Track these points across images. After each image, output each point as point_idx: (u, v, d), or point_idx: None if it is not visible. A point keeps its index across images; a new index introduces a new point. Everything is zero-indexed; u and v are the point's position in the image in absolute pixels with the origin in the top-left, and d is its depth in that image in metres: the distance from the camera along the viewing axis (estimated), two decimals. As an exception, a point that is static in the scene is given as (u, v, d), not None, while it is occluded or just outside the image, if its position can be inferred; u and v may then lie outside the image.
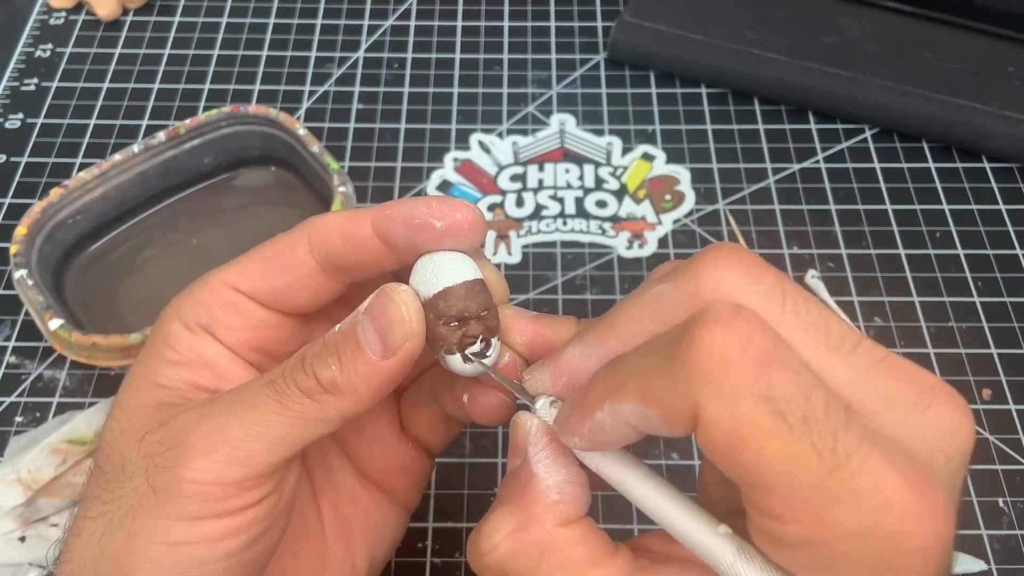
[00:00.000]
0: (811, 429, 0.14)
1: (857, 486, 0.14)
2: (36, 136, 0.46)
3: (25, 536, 0.32)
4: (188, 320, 0.21)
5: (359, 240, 0.21)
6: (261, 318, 0.22)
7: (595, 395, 0.17)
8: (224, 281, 0.22)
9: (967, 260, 0.41)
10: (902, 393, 0.16)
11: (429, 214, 0.20)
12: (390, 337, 0.19)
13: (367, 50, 0.51)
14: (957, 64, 0.46)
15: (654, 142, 0.46)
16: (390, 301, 0.20)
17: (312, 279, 0.21)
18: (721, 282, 0.17)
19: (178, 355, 0.21)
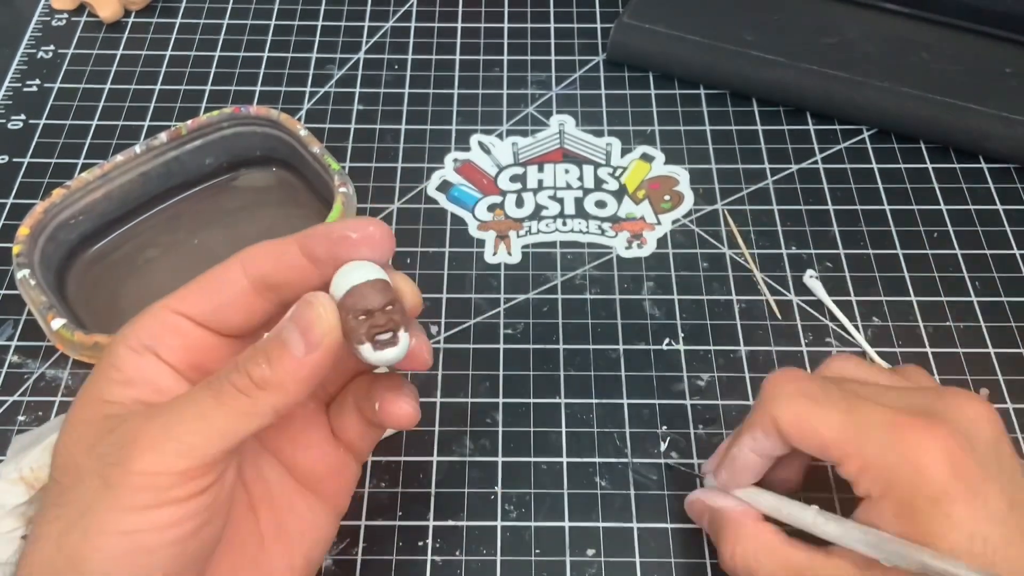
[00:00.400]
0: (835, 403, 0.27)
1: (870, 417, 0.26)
2: (38, 137, 0.46)
3: (27, 535, 0.33)
4: (133, 343, 0.23)
5: (287, 259, 0.24)
6: (200, 338, 0.24)
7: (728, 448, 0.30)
8: (165, 307, 0.24)
9: (965, 260, 0.41)
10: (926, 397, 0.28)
11: (345, 229, 0.23)
12: (310, 335, 0.22)
13: (368, 51, 0.51)
14: (954, 65, 0.46)
15: (653, 143, 0.46)
16: (309, 305, 0.22)
17: (245, 297, 0.24)
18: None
19: (123, 375, 0.23)
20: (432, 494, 0.34)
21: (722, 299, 0.40)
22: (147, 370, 0.23)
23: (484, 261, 0.42)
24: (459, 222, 0.43)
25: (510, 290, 0.40)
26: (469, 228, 0.43)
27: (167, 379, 0.24)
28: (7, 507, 0.33)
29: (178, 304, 0.24)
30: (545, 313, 0.40)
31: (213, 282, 0.24)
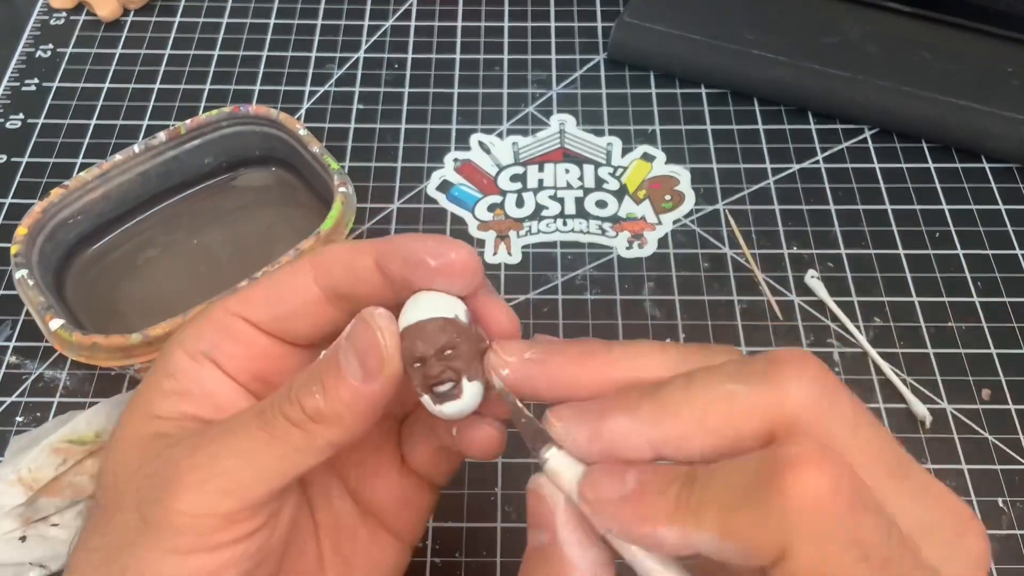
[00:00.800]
0: (890, 570, 0.15)
1: None
2: (37, 136, 0.46)
3: (26, 536, 0.32)
4: (191, 349, 0.21)
5: (360, 270, 0.21)
6: (264, 346, 0.22)
7: (663, 511, 0.17)
8: (227, 309, 0.22)
9: (966, 260, 0.41)
10: (945, 522, 0.17)
11: (425, 251, 0.20)
12: (369, 361, 0.19)
13: (367, 50, 0.51)
14: (956, 64, 0.46)
15: (654, 142, 0.46)
16: (366, 326, 0.20)
17: (314, 305, 0.22)
18: (801, 399, 0.17)
19: (178, 385, 0.21)
20: (432, 495, 0.34)
21: (723, 299, 0.40)
22: (206, 381, 0.21)
23: (484, 261, 0.41)
24: (459, 222, 0.43)
25: (510, 290, 0.40)
26: (469, 228, 0.43)
27: (226, 391, 0.21)
28: (5, 508, 0.33)
29: (241, 307, 0.22)
30: (545, 314, 0.40)
31: (281, 286, 0.22)
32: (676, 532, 0.16)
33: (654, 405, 0.18)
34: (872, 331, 0.39)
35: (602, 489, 0.18)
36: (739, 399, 0.17)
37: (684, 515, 0.16)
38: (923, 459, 0.35)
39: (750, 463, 0.16)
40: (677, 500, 0.17)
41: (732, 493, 0.16)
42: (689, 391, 0.18)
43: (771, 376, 0.17)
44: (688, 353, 0.19)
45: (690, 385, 0.18)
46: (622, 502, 0.17)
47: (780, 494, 0.15)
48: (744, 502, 0.16)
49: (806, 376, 0.17)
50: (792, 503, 0.15)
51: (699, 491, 0.16)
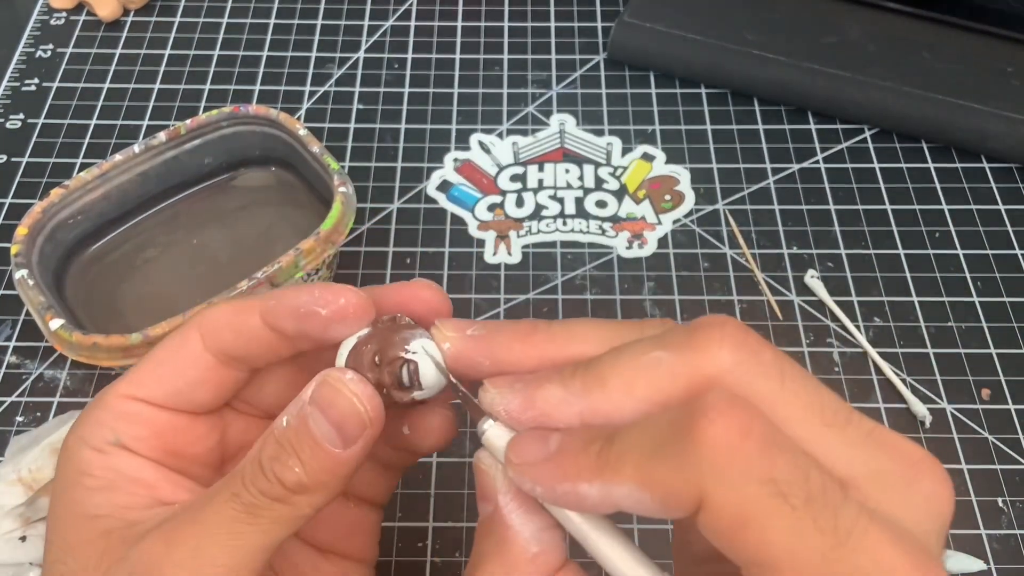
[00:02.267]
0: (812, 508, 0.15)
1: (860, 561, 0.15)
2: (37, 136, 0.46)
3: (26, 536, 0.32)
4: (95, 442, 0.21)
5: (249, 331, 0.21)
6: (168, 422, 0.21)
7: (584, 467, 0.17)
8: (119, 394, 0.21)
9: (966, 260, 0.41)
10: (892, 468, 0.17)
11: (313, 303, 0.20)
12: (347, 429, 0.19)
13: (367, 50, 0.51)
14: (956, 64, 0.46)
15: (654, 142, 0.46)
16: (338, 393, 0.19)
17: (212, 373, 0.21)
18: (723, 360, 0.17)
19: (98, 480, 0.20)
20: (432, 495, 0.34)
21: (723, 299, 0.40)
22: (124, 468, 0.21)
23: (484, 261, 0.41)
24: (459, 222, 0.43)
25: (510, 290, 0.40)
26: (469, 228, 0.43)
27: (149, 472, 0.21)
28: (5, 508, 0.33)
29: (134, 389, 0.21)
30: (545, 314, 0.40)
31: (172, 359, 0.21)
32: (597, 487, 0.17)
33: (585, 375, 0.18)
34: (872, 331, 0.39)
35: (526, 452, 0.18)
36: (664, 365, 0.17)
37: (604, 469, 0.17)
38: (923, 459, 0.35)
39: (667, 415, 0.16)
40: (598, 456, 0.17)
41: (650, 444, 0.16)
42: (617, 361, 0.18)
43: (693, 342, 0.17)
44: (624, 328, 0.19)
45: (619, 356, 0.18)
46: (545, 462, 0.17)
47: (692, 441, 0.15)
48: (660, 452, 0.16)
49: (727, 337, 0.17)
50: (704, 448, 0.15)
51: (618, 445, 0.17)
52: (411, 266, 0.41)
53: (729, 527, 0.15)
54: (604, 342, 0.19)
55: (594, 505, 0.17)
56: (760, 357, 0.17)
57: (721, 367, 0.17)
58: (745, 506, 0.15)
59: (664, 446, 0.16)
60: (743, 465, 0.15)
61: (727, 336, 0.17)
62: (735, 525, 0.15)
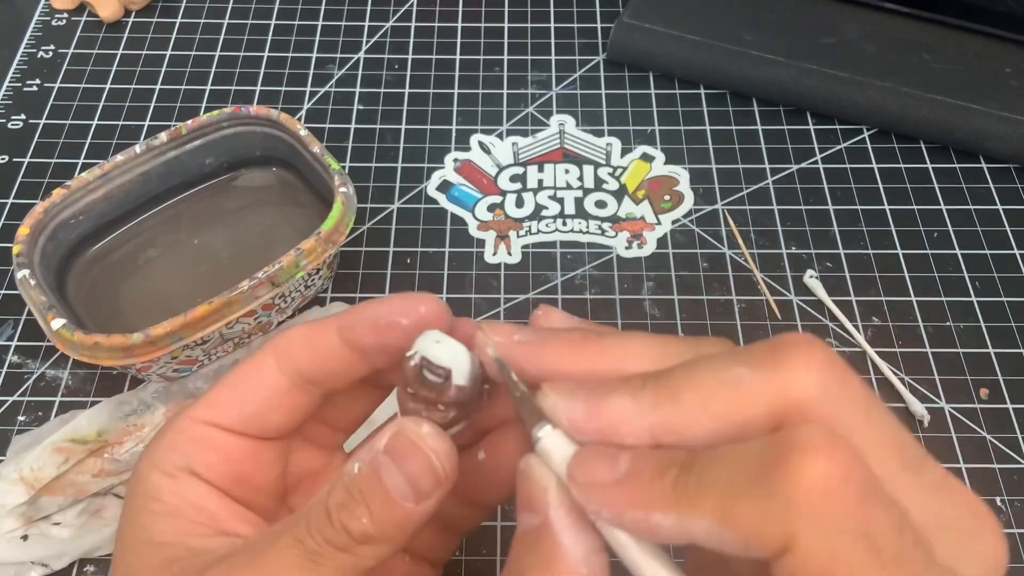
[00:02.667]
0: (903, 566, 0.14)
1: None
2: (38, 137, 0.46)
3: (28, 535, 0.33)
4: (166, 467, 0.21)
5: (326, 350, 0.21)
6: (239, 448, 0.21)
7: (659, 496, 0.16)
8: (193, 419, 0.21)
9: (965, 260, 0.41)
10: (961, 519, 0.16)
11: (393, 314, 0.20)
12: (422, 484, 0.19)
13: (368, 51, 0.51)
14: (955, 65, 0.46)
15: (653, 143, 0.46)
16: (415, 448, 0.19)
17: (285, 397, 0.21)
18: (811, 384, 0.16)
19: (166, 506, 0.20)
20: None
21: (722, 299, 0.40)
22: (190, 495, 0.20)
23: (484, 261, 0.42)
24: (459, 222, 0.43)
25: (510, 290, 0.40)
26: (469, 228, 0.43)
27: (214, 501, 0.21)
28: (7, 507, 0.33)
29: (208, 414, 0.21)
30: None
31: (246, 383, 0.21)
32: (672, 518, 0.16)
33: (657, 388, 0.17)
34: (870, 330, 0.39)
35: (594, 471, 0.17)
36: (744, 384, 0.16)
37: (681, 500, 0.15)
38: (921, 458, 0.35)
39: (755, 447, 0.15)
40: (674, 484, 0.16)
41: (734, 478, 0.15)
42: (693, 376, 0.17)
43: (778, 360, 0.16)
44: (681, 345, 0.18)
45: (694, 370, 0.17)
46: (615, 485, 0.16)
47: (787, 480, 0.14)
48: (747, 487, 0.15)
49: (815, 360, 0.16)
50: (799, 490, 0.14)
51: (698, 475, 0.16)
52: (411, 266, 0.41)
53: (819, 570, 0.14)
54: (659, 359, 0.18)
55: (667, 536, 0.16)
56: (849, 386, 0.16)
57: (808, 392, 0.16)
58: (837, 557, 0.14)
59: (752, 481, 0.15)
60: (841, 513, 0.14)
61: (816, 359, 0.16)
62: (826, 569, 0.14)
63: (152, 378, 0.37)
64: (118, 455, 0.35)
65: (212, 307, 0.34)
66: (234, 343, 0.37)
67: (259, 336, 0.38)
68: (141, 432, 0.35)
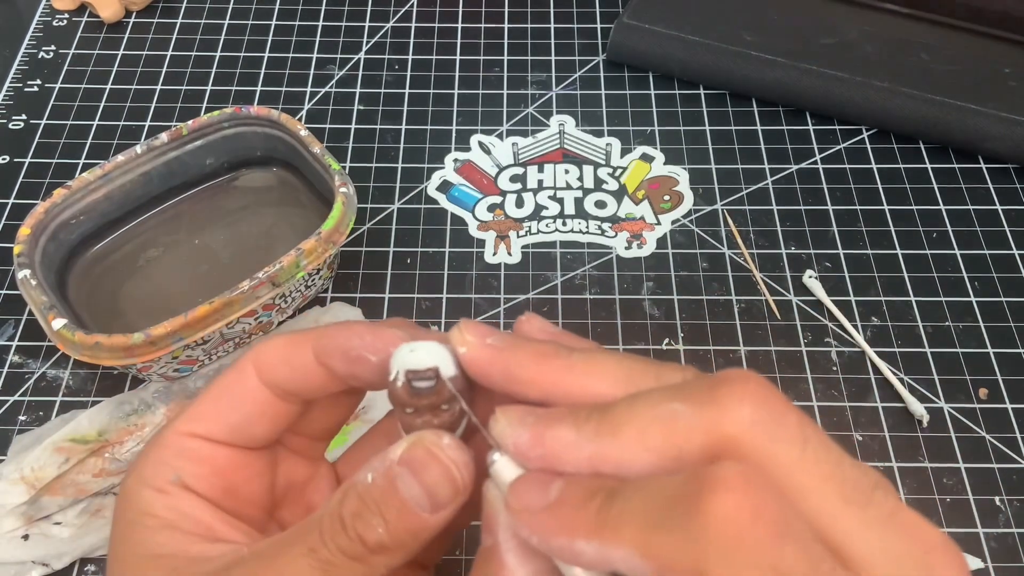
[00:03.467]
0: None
1: None
2: (39, 137, 0.46)
3: (28, 534, 0.33)
4: (156, 483, 0.21)
5: (303, 366, 0.21)
6: (226, 459, 0.21)
7: (582, 523, 0.16)
8: (178, 432, 0.21)
9: (964, 260, 0.41)
10: (910, 554, 0.16)
11: (364, 348, 0.20)
12: (440, 495, 0.19)
13: (368, 52, 0.51)
14: (954, 65, 0.47)
15: (653, 143, 0.46)
16: (434, 459, 0.19)
17: (268, 406, 0.21)
18: (743, 418, 0.16)
19: (159, 520, 0.20)
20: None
21: (721, 299, 0.40)
22: (182, 507, 0.21)
23: (484, 261, 0.42)
24: (459, 222, 0.43)
25: (510, 290, 0.41)
26: (469, 228, 0.43)
27: (207, 513, 0.21)
28: (8, 507, 0.33)
29: (194, 426, 0.21)
30: (545, 313, 0.40)
31: (229, 394, 0.21)
32: (594, 546, 0.16)
33: (600, 420, 0.17)
34: (870, 330, 0.39)
35: (526, 497, 0.17)
36: (680, 419, 0.16)
37: (603, 529, 0.16)
38: (920, 458, 0.35)
39: (675, 482, 0.16)
40: (598, 513, 0.16)
41: (653, 510, 0.15)
42: (633, 409, 0.17)
43: (714, 396, 0.16)
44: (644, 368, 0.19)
45: (635, 403, 0.17)
46: (544, 511, 0.17)
47: (699, 515, 0.15)
48: (663, 520, 0.15)
49: (748, 396, 0.16)
50: (710, 526, 0.14)
51: (620, 505, 0.16)
52: (411, 266, 0.41)
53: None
54: (622, 382, 0.18)
55: (589, 563, 0.16)
56: (783, 419, 0.16)
57: (740, 426, 0.16)
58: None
59: (668, 515, 0.15)
60: (749, 550, 0.14)
61: (749, 393, 0.16)
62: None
63: (153, 378, 0.37)
64: (119, 455, 0.35)
65: (213, 307, 0.34)
66: (235, 343, 0.37)
67: (259, 336, 0.38)
68: (142, 432, 0.35)
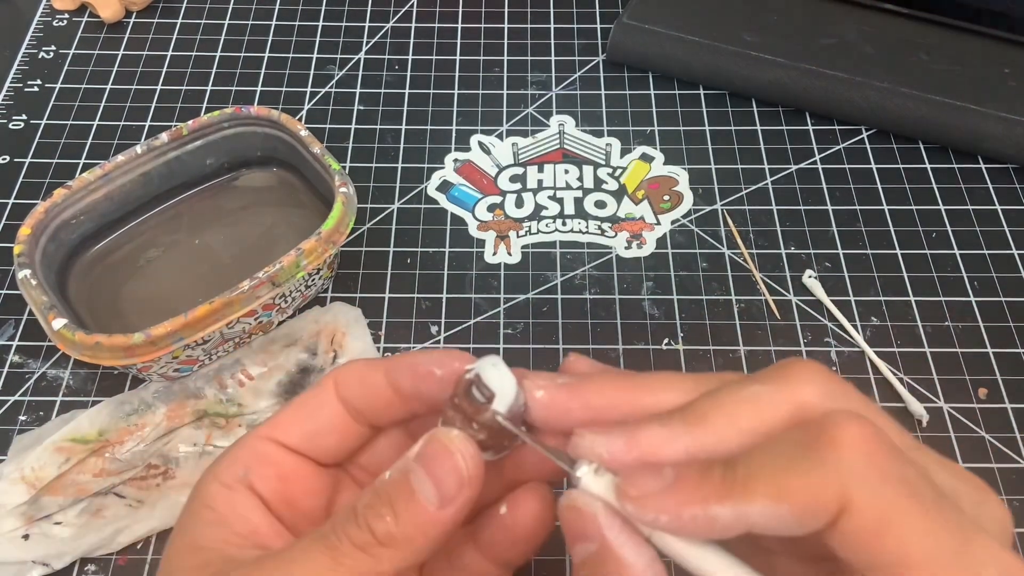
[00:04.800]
0: (942, 509, 0.16)
1: (983, 558, 0.16)
2: (39, 137, 0.46)
3: (29, 534, 0.33)
4: (225, 478, 0.22)
5: (374, 386, 0.22)
6: (292, 467, 0.23)
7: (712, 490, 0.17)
8: (258, 435, 0.23)
9: (963, 260, 0.41)
10: (965, 490, 0.18)
11: (431, 363, 0.21)
12: (446, 486, 0.19)
13: (368, 52, 0.51)
14: (953, 65, 0.47)
15: (653, 143, 0.46)
16: (443, 448, 0.20)
17: (340, 420, 0.23)
18: (817, 389, 0.18)
19: (216, 514, 0.21)
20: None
21: (721, 299, 0.40)
22: (239, 506, 0.22)
23: (484, 261, 0.42)
24: (459, 222, 0.43)
25: (510, 290, 0.41)
26: (469, 228, 0.43)
27: (259, 516, 0.22)
28: (8, 507, 0.33)
29: (272, 431, 0.23)
30: (545, 313, 0.40)
31: (308, 405, 0.23)
32: (729, 508, 0.17)
33: (685, 415, 0.18)
34: (869, 330, 0.39)
35: (644, 484, 0.18)
36: (763, 398, 0.18)
37: (731, 490, 0.17)
38: (920, 457, 0.35)
39: (791, 434, 0.17)
40: (723, 480, 0.17)
41: (781, 461, 0.17)
42: (717, 399, 0.19)
43: (786, 376, 0.18)
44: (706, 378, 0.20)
45: (716, 394, 0.19)
46: (667, 491, 0.17)
47: (832, 448, 0.16)
48: (796, 464, 0.16)
49: (817, 372, 0.19)
50: (844, 454, 0.16)
51: (744, 467, 0.17)
52: (411, 266, 0.41)
53: (873, 529, 0.16)
54: (691, 391, 0.19)
55: (725, 527, 0.17)
56: (848, 390, 0.19)
57: (816, 396, 0.18)
58: (888, 508, 0.16)
59: (798, 460, 0.17)
60: (884, 467, 0.16)
61: (815, 370, 0.19)
62: (878, 527, 0.16)
63: (153, 378, 0.37)
64: (119, 454, 0.35)
65: (213, 307, 0.34)
66: (234, 343, 0.37)
67: (259, 336, 0.38)
68: (142, 432, 0.35)
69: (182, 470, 0.35)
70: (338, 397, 0.23)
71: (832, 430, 0.17)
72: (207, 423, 0.36)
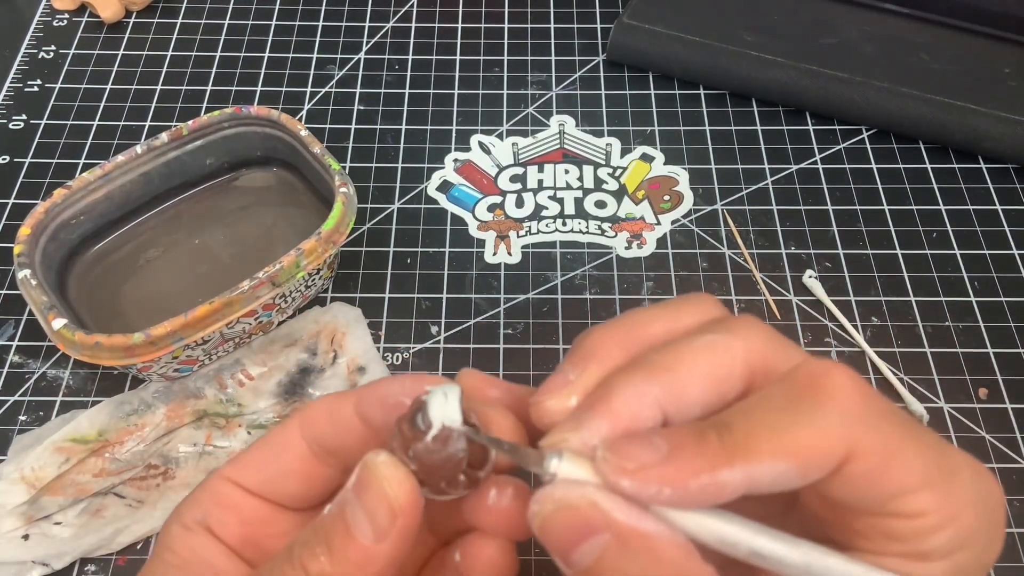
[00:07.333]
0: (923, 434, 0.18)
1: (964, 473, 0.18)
2: (39, 137, 0.46)
3: (28, 534, 0.33)
4: (184, 520, 0.21)
5: (343, 420, 0.21)
6: (254, 510, 0.21)
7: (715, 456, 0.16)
8: (221, 476, 0.22)
9: (964, 260, 0.41)
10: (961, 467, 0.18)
11: (401, 392, 0.20)
12: (377, 518, 0.18)
13: (368, 52, 0.51)
14: (953, 65, 0.47)
15: (653, 143, 0.46)
16: (371, 475, 0.18)
17: (303, 462, 0.21)
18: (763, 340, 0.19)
19: (178, 557, 0.21)
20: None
21: (721, 299, 0.40)
22: (200, 550, 0.21)
23: (484, 261, 0.42)
24: (459, 222, 0.43)
25: (510, 290, 0.41)
26: (469, 228, 0.43)
27: (222, 559, 0.21)
28: (8, 507, 0.33)
29: (233, 472, 0.21)
30: (545, 313, 0.40)
31: (270, 446, 0.22)
32: (737, 471, 0.16)
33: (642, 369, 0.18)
34: (870, 330, 0.39)
35: (640, 456, 0.16)
36: (719, 345, 0.18)
37: (734, 453, 0.16)
38: (920, 457, 0.35)
39: (779, 388, 0.17)
40: (722, 444, 0.16)
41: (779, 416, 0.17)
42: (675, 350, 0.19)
43: (729, 327, 0.19)
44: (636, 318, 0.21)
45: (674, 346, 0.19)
46: (666, 462, 0.16)
47: (829, 397, 0.17)
48: (797, 418, 0.16)
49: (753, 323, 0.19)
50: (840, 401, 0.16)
51: (740, 427, 0.17)
52: (411, 266, 0.41)
53: (879, 465, 0.16)
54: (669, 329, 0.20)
55: (733, 492, 0.16)
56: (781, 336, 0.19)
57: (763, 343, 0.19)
58: (890, 443, 0.17)
59: (794, 413, 0.17)
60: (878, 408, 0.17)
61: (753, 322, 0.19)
62: (885, 461, 0.16)
63: (153, 378, 0.37)
64: (119, 455, 0.35)
65: (213, 307, 0.34)
66: (235, 343, 0.37)
67: (259, 336, 0.38)
68: (142, 432, 0.35)
69: (182, 470, 0.35)
70: (304, 437, 0.21)
71: (823, 380, 0.17)
72: (207, 423, 0.36)
